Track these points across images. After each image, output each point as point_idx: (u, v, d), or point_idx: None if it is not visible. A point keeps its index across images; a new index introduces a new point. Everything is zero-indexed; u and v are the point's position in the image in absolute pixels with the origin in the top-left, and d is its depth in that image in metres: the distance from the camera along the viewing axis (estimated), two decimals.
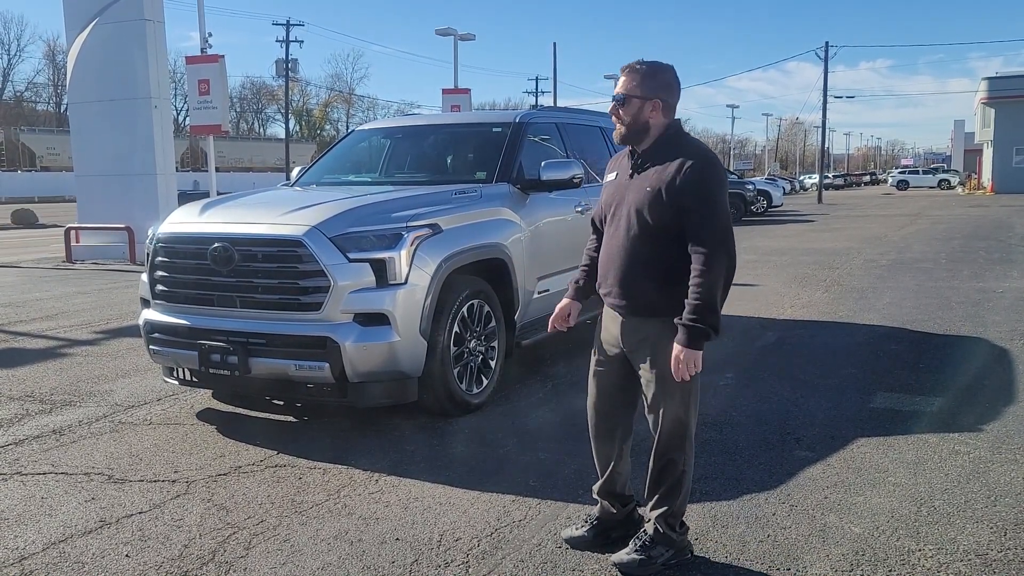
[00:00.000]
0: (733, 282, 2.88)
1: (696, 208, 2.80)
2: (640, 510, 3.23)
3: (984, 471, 3.95)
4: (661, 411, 2.97)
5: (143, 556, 3.24)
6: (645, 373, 2.98)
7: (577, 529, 3.29)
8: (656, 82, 2.96)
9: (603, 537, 3.23)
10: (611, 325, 3.10)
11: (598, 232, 3.22)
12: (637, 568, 3.01)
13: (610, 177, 3.17)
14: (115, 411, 5.22)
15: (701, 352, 2.79)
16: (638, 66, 2.97)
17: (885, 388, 5.49)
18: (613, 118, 3.03)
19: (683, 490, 3.05)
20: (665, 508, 3.02)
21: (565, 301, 3.28)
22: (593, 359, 3.21)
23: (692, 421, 3.01)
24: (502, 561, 3.15)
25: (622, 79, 2.98)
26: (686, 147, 2.91)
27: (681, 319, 2.78)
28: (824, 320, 8.01)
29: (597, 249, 3.19)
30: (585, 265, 3.28)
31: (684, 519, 3.11)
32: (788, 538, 3.28)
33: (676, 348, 2.78)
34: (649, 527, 3.07)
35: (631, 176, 3.00)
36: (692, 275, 2.78)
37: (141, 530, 3.47)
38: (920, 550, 3.17)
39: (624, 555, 3.06)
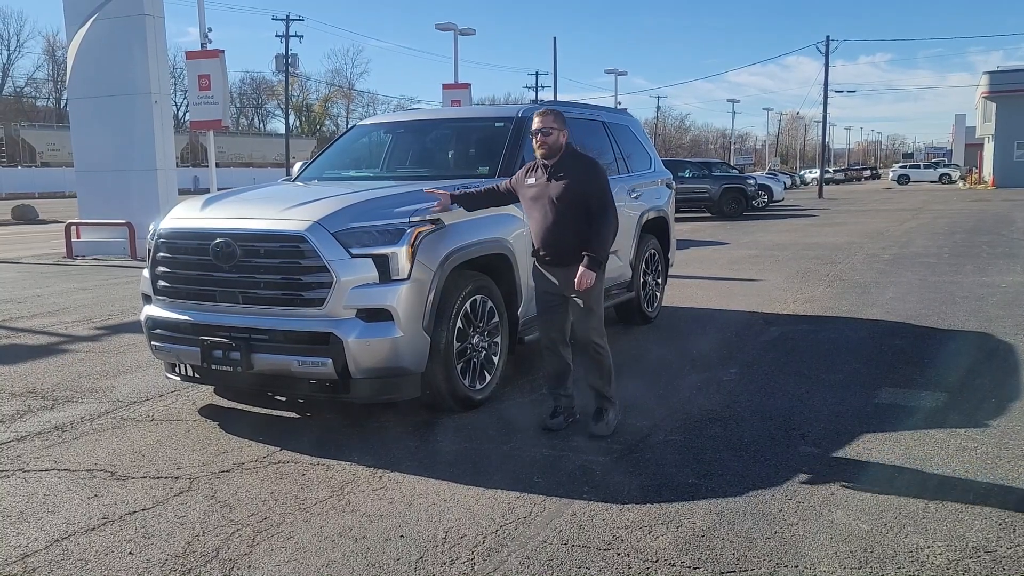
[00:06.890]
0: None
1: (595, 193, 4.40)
2: None
3: (992, 467, 3.93)
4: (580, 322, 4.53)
5: (146, 553, 3.22)
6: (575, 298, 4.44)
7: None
8: (559, 119, 4.43)
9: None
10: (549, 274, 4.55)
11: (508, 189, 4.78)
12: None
13: (530, 180, 4.55)
14: (117, 407, 5.20)
15: (596, 273, 4.29)
16: (548, 110, 4.47)
17: (890, 384, 5.47)
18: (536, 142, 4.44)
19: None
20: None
21: (447, 197, 4.75)
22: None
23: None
24: (508, 558, 3.13)
25: (538, 119, 4.41)
26: (581, 158, 4.51)
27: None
28: (827, 315, 7.99)
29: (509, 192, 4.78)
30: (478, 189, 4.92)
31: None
32: (795, 535, 3.27)
33: (580, 270, 4.28)
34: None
35: (548, 180, 4.43)
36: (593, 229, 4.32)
37: (144, 527, 3.45)
38: (929, 547, 3.14)
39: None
